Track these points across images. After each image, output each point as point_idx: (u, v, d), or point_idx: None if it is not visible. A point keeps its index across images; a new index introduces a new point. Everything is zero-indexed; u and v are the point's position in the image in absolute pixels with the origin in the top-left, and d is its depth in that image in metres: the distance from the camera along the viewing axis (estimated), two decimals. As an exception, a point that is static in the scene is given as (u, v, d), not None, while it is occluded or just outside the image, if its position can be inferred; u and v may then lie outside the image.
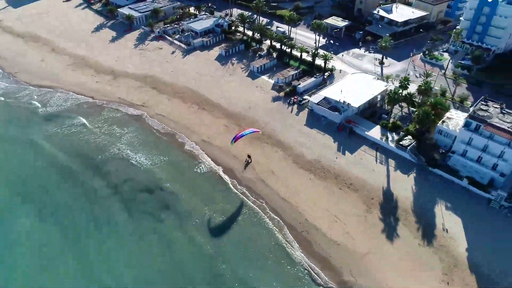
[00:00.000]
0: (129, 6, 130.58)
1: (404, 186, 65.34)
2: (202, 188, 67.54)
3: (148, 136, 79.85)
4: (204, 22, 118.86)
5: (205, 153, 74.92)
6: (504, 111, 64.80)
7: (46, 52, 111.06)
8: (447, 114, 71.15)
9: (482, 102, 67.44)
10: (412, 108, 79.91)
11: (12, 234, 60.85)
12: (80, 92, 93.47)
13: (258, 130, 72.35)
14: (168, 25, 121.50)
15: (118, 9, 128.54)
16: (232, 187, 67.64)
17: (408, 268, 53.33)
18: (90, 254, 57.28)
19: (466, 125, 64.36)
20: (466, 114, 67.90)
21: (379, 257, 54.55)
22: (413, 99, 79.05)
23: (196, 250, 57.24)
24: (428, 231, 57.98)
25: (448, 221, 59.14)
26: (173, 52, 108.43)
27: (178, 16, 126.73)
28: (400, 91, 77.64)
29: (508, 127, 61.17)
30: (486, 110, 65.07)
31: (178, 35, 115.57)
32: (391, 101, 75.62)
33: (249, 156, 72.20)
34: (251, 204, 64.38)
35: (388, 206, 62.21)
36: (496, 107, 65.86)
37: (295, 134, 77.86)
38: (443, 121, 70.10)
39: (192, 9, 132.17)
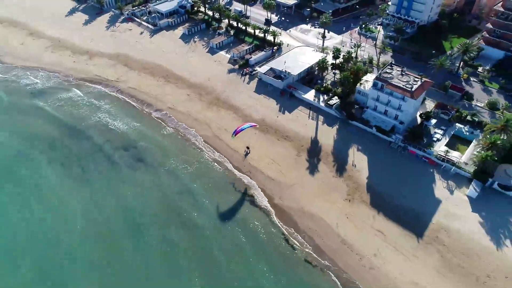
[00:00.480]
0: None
1: (328, 136, 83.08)
2: (168, 145, 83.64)
3: (122, 106, 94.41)
4: (168, 4, 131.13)
5: (172, 117, 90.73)
6: (403, 73, 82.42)
7: (25, 36, 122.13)
8: (365, 78, 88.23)
9: (388, 67, 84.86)
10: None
11: (18, 173, 76.76)
12: (61, 71, 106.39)
13: (255, 124, 79.84)
14: (136, 7, 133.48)
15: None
16: (194, 143, 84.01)
17: (323, 192, 71.56)
18: (81, 191, 73.35)
19: (374, 85, 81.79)
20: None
21: (302, 186, 72.56)
22: (341, 66, 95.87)
23: (164, 189, 73.87)
24: (341, 166, 76.22)
25: (357, 159, 77.41)
26: (141, 33, 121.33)
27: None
28: (327, 60, 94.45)
29: (403, 85, 78.88)
30: (389, 73, 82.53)
31: (146, 17, 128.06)
32: (320, 68, 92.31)
33: (248, 147, 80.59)
34: (207, 154, 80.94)
35: (314, 150, 80.00)
36: (398, 70, 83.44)
37: (245, 99, 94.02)
38: (361, 83, 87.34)
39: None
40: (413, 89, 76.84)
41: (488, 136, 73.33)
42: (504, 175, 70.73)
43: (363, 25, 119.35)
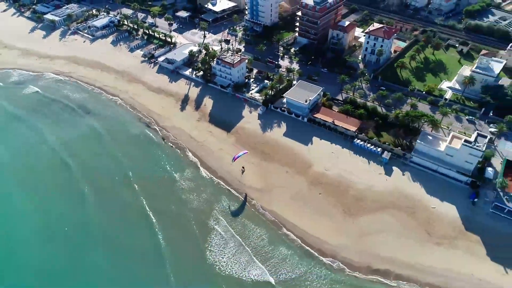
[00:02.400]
0: (51, 13, 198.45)
1: (194, 92, 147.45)
2: (101, 105, 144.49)
3: (75, 86, 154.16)
4: (102, 20, 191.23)
5: (106, 90, 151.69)
6: (232, 54, 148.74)
7: (1, 49, 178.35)
8: (221, 57, 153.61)
9: (229, 52, 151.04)
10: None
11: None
12: (31, 69, 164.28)
13: (247, 152, 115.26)
14: (79, 24, 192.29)
15: (44, 16, 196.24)
16: (115, 101, 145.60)
17: (185, 118, 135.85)
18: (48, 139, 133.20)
19: (217, 62, 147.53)
20: (233, 58, 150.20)
21: (176, 116, 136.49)
22: (207, 53, 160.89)
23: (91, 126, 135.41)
24: (198, 106, 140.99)
25: (208, 102, 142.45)
26: (84, 41, 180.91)
27: (85, 17, 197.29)
28: (194, 51, 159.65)
29: (229, 61, 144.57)
30: (225, 55, 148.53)
31: (87, 30, 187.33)
32: (192, 55, 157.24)
33: (243, 167, 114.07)
34: (123, 108, 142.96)
35: (185, 100, 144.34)
36: (233, 54, 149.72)
37: (151, 77, 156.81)
38: (213, 62, 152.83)
39: (94, 11, 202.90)
40: (234, 63, 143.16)
41: (270, 83, 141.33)
42: (280, 103, 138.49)
43: (231, 28, 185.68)
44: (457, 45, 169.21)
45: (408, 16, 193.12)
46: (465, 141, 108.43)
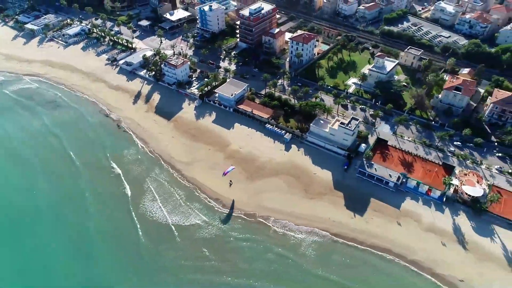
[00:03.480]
0: (31, 22, 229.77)
1: (147, 89, 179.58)
2: (67, 100, 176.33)
3: (50, 86, 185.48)
4: (75, 29, 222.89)
5: (75, 89, 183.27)
6: (177, 58, 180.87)
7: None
8: (167, 60, 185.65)
9: (174, 56, 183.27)
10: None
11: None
12: (13, 71, 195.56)
13: (234, 167, 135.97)
14: (55, 32, 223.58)
15: (25, 25, 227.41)
16: (86, 98, 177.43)
17: (137, 110, 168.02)
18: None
19: (164, 65, 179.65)
20: (177, 61, 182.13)
21: (129, 110, 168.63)
22: (158, 57, 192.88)
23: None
24: (147, 100, 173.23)
25: (155, 97, 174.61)
26: (58, 47, 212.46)
27: (61, 26, 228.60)
28: (147, 55, 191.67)
29: (174, 63, 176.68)
30: (171, 59, 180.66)
31: (61, 38, 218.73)
32: (146, 59, 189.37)
33: (231, 180, 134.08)
34: (85, 99, 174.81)
35: (138, 96, 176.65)
36: (178, 57, 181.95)
37: (112, 77, 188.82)
38: (163, 64, 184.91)
39: (69, 20, 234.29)
40: (177, 65, 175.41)
41: (206, 80, 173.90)
42: (214, 97, 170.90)
43: (184, 34, 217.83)
44: (370, 48, 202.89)
45: (337, 23, 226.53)
46: (341, 123, 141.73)
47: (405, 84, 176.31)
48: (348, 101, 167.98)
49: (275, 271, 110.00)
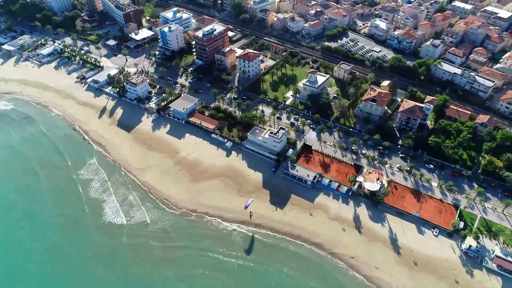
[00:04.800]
0: (8, 43, 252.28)
1: (112, 104, 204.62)
2: (37, 112, 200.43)
3: (25, 104, 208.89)
4: (48, 49, 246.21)
5: (48, 105, 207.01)
6: (138, 76, 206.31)
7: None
8: (129, 78, 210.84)
9: (136, 74, 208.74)
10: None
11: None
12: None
13: (253, 200, 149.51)
14: (30, 52, 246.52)
15: (2, 46, 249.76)
16: (51, 110, 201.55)
17: (101, 123, 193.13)
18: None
19: (125, 82, 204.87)
20: (138, 79, 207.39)
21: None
22: (123, 74, 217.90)
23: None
24: (111, 114, 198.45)
25: (119, 111, 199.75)
26: (33, 67, 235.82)
27: (35, 46, 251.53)
28: (111, 74, 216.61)
29: (134, 82, 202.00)
30: (133, 77, 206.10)
31: (35, 57, 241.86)
32: (110, 77, 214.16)
33: (251, 212, 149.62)
34: (50, 112, 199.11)
35: (104, 111, 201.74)
36: (137, 75, 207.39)
37: (81, 93, 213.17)
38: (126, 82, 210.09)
39: (43, 40, 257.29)
40: (137, 83, 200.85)
41: (163, 95, 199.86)
42: (169, 111, 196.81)
43: (147, 52, 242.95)
44: (310, 62, 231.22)
45: (285, 39, 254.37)
46: (271, 132, 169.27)
47: (336, 95, 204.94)
48: (285, 111, 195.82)
49: (207, 257, 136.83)
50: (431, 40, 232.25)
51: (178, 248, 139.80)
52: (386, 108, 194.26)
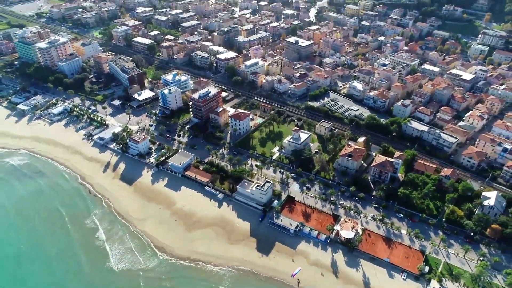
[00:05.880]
0: (22, 103, 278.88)
1: (113, 160, 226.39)
2: (45, 167, 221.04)
3: (35, 160, 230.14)
4: (59, 108, 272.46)
5: (56, 160, 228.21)
6: (140, 134, 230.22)
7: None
8: (132, 136, 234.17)
9: (138, 132, 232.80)
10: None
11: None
12: (6, 146, 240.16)
13: (301, 268, 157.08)
14: (42, 111, 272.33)
15: (17, 105, 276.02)
16: (55, 164, 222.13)
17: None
18: None
19: (129, 140, 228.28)
20: (139, 137, 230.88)
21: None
22: (126, 132, 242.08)
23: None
24: (113, 171, 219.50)
25: (121, 166, 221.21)
26: (45, 125, 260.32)
27: (47, 106, 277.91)
28: (116, 132, 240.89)
29: (136, 138, 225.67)
30: (135, 135, 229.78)
31: (47, 116, 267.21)
32: (115, 135, 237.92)
33: (298, 279, 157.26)
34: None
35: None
36: (140, 133, 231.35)
37: (87, 150, 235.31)
38: (130, 138, 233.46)
39: (54, 100, 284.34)
40: (139, 140, 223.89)
41: (162, 151, 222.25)
42: (167, 165, 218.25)
43: (149, 111, 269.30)
44: (295, 120, 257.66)
45: (273, 99, 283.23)
46: (258, 185, 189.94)
47: (317, 150, 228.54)
48: (272, 165, 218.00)
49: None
50: (402, 100, 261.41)
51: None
52: (362, 162, 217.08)
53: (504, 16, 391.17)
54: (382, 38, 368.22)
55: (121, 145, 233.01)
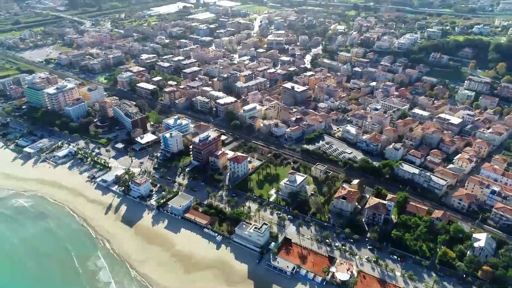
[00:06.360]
0: (29, 146, 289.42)
1: (115, 202, 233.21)
2: (46, 207, 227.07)
3: (40, 201, 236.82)
4: (64, 151, 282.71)
5: (62, 205, 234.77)
6: (142, 177, 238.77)
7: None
8: (134, 179, 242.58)
9: (140, 175, 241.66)
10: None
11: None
12: (11, 188, 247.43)
13: None
14: (48, 153, 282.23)
15: (23, 148, 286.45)
16: (69, 212, 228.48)
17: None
18: None
19: (131, 182, 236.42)
20: (141, 179, 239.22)
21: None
22: (128, 174, 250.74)
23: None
24: (114, 213, 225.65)
25: (122, 208, 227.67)
26: (49, 167, 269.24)
27: (52, 149, 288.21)
28: (121, 173, 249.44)
29: (138, 181, 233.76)
30: (137, 177, 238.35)
31: (52, 158, 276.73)
32: (118, 177, 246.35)
33: None
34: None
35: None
36: (142, 176, 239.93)
37: (90, 192, 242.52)
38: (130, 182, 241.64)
39: (59, 143, 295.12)
40: (140, 183, 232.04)
41: (163, 193, 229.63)
42: (167, 208, 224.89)
43: (151, 154, 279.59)
44: (291, 163, 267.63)
45: (270, 142, 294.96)
46: (255, 227, 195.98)
47: (313, 192, 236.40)
48: (269, 207, 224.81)
49: None
50: (393, 144, 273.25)
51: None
52: (356, 203, 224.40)
53: (488, 63, 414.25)
54: (373, 83, 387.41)
55: (123, 187, 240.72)
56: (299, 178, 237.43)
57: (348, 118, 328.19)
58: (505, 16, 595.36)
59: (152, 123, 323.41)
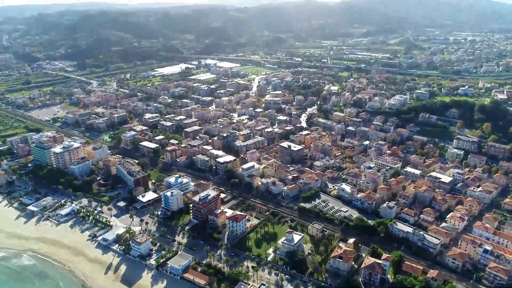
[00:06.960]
0: (32, 204, 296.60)
1: (115, 262, 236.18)
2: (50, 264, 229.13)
3: (41, 262, 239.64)
4: (66, 209, 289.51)
5: (62, 264, 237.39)
6: (143, 235, 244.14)
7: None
8: (134, 238, 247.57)
9: (140, 234, 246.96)
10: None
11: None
12: (12, 247, 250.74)
13: None
14: (50, 212, 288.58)
15: (27, 207, 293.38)
16: (72, 270, 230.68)
17: None
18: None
19: (131, 241, 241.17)
20: (142, 239, 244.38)
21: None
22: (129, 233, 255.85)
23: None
24: (114, 273, 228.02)
25: (122, 268, 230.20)
26: (52, 226, 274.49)
27: (55, 207, 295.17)
28: (121, 233, 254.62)
29: (138, 240, 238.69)
30: (138, 236, 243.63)
31: (55, 217, 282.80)
32: (118, 236, 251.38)
33: None
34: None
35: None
36: (143, 235, 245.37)
37: (91, 251, 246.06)
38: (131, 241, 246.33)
39: (63, 201, 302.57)
40: (141, 242, 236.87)
41: (163, 252, 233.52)
42: (166, 267, 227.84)
43: (152, 212, 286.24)
44: (289, 221, 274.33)
45: (268, 200, 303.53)
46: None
47: (310, 251, 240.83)
48: (267, 267, 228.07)
49: None
50: (387, 202, 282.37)
51: None
52: (353, 263, 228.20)
53: (474, 123, 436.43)
54: (367, 142, 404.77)
55: (123, 246, 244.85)
56: (297, 237, 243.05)
57: (343, 177, 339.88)
58: (488, 78, 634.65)
59: (153, 181, 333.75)
